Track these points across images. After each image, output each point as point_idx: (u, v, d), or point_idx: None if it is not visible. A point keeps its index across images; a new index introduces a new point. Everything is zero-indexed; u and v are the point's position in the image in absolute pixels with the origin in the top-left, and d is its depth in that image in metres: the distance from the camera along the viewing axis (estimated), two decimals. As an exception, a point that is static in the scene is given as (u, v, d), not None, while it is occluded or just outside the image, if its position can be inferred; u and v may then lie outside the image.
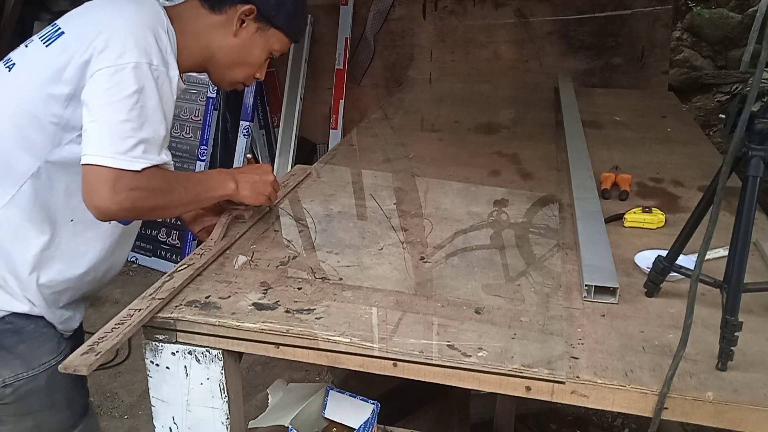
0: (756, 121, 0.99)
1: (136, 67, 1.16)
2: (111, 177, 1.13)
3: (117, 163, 1.14)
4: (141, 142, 1.16)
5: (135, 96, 1.16)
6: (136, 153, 1.16)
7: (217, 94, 3.57)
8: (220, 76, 1.42)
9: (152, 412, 1.23)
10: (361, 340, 1.09)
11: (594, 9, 3.33)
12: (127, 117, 1.15)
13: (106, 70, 1.16)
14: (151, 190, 1.20)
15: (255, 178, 1.45)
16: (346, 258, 1.38)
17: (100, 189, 1.13)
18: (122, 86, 1.15)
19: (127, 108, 1.15)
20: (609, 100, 2.74)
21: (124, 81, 1.15)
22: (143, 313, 1.13)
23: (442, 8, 3.54)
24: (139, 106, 1.16)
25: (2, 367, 1.27)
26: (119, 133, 1.15)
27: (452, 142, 2.23)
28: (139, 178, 1.17)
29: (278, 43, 1.42)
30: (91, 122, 1.16)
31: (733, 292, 1.00)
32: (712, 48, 5.32)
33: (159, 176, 1.21)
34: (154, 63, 1.19)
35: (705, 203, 1.11)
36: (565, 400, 1.01)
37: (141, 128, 1.17)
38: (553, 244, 1.44)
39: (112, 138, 1.14)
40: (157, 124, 1.20)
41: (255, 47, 1.39)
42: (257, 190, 1.44)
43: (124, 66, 1.16)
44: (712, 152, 2.11)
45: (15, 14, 3.51)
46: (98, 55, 1.17)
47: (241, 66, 1.41)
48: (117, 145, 1.14)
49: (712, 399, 0.96)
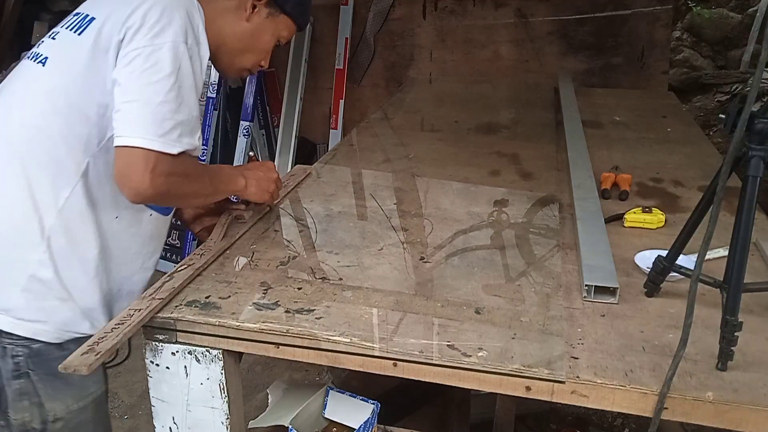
0: (756, 121, 0.99)
1: (173, 47, 1.15)
2: (150, 159, 1.11)
3: (156, 146, 1.12)
4: (178, 124, 1.15)
5: (173, 77, 1.14)
6: (173, 136, 1.14)
7: (217, 94, 3.57)
8: (230, 63, 1.40)
9: (152, 412, 1.23)
10: (361, 340, 1.09)
11: (594, 9, 3.33)
12: (165, 98, 1.13)
13: (142, 49, 1.13)
14: (185, 176, 1.20)
15: (260, 174, 1.45)
16: (346, 258, 1.38)
17: (139, 171, 1.11)
18: (160, 66, 1.13)
19: (165, 89, 1.13)
20: (609, 100, 2.74)
21: (162, 61, 1.13)
22: (143, 313, 1.13)
23: (442, 8, 3.54)
24: (176, 86, 1.14)
25: (54, 398, 1.24)
26: (158, 114, 1.13)
27: (452, 142, 2.23)
28: (175, 163, 1.16)
29: (286, 29, 1.42)
30: (127, 103, 1.13)
31: (733, 292, 1.00)
32: (712, 48, 5.32)
33: (190, 163, 1.21)
34: (189, 42, 1.18)
35: (705, 203, 1.11)
36: (565, 400, 1.01)
37: (178, 110, 1.15)
38: (553, 244, 1.44)
39: (152, 119, 1.12)
40: (192, 105, 1.19)
41: (265, 33, 1.39)
42: (262, 187, 1.45)
43: (161, 45, 1.14)
44: (712, 152, 2.11)
45: (15, 14, 3.51)
46: (133, 34, 1.14)
47: (251, 52, 1.40)
48: (156, 127, 1.12)
49: (712, 399, 0.96)
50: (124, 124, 1.13)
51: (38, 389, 1.22)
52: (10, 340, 1.20)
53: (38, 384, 1.22)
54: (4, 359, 1.21)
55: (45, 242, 1.19)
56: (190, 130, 1.18)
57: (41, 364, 1.21)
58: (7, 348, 1.20)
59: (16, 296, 1.19)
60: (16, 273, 1.19)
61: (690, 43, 5.35)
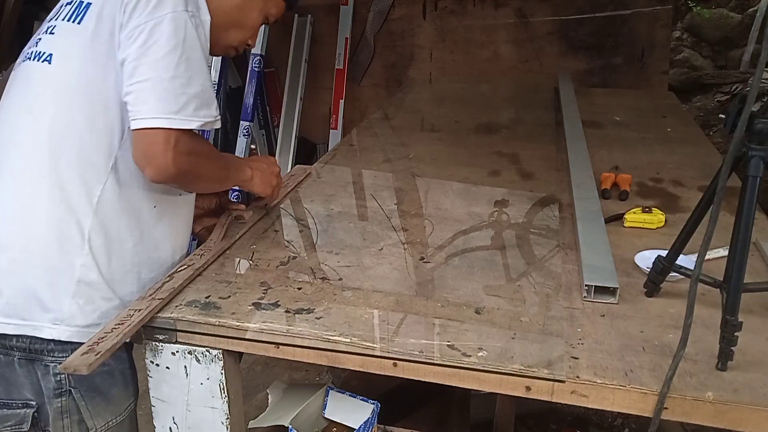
0: (756, 121, 0.99)
1: (174, 17, 1.11)
2: (171, 137, 1.10)
3: (175, 124, 1.10)
4: (193, 98, 1.12)
5: (179, 49, 1.11)
6: (189, 111, 1.12)
7: (217, 94, 3.57)
8: (215, 39, 1.31)
9: (152, 412, 1.23)
10: (362, 339, 1.09)
11: (594, 9, 3.33)
12: (175, 73, 1.10)
13: (144, 25, 1.10)
14: (204, 156, 1.20)
15: (264, 167, 1.45)
16: (346, 258, 1.38)
17: (161, 150, 1.10)
18: (164, 40, 1.10)
19: (173, 63, 1.10)
20: (609, 100, 2.74)
21: (166, 34, 1.10)
22: (143, 313, 1.13)
23: (442, 8, 3.54)
24: (185, 59, 1.12)
25: (95, 415, 1.22)
26: (170, 91, 1.10)
27: (452, 142, 2.23)
28: (196, 141, 1.15)
29: (275, 6, 1.39)
30: (137, 83, 1.10)
31: (733, 292, 1.00)
32: (712, 48, 5.32)
33: (207, 143, 1.21)
34: (190, 8, 1.14)
35: (705, 203, 1.11)
36: (565, 400, 1.01)
37: (190, 83, 1.12)
38: (553, 245, 1.44)
39: (166, 97, 1.10)
40: (204, 75, 1.16)
41: (253, 9, 1.34)
42: (266, 180, 1.45)
43: (162, 18, 1.10)
44: (712, 152, 2.11)
45: (15, 14, 3.51)
46: (132, 10, 1.11)
47: (238, 28, 1.35)
48: (172, 104, 1.10)
49: (712, 399, 0.96)
50: (138, 105, 1.10)
51: (80, 407, 1.20)
52: (52, 357, 1.18)
53: (80, 401, 1.20)
54: (46, 377, 1.18)
55: (86, 244, 1.17)
56: (206, 101, 1.16)
57: (83, 381, 1.18)
58: (49, 366, 1.18)
59: (68, 305, 1.17)
60: (65, 281, 1.17)
61: (690, 43, 5.35)
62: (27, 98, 1.21)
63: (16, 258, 1.17)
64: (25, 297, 1.16)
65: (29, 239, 1.16)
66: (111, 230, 1.19)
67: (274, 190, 1.49)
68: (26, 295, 1.16)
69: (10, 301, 1.16)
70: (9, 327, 1.16)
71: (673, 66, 4.72)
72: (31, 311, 1.16)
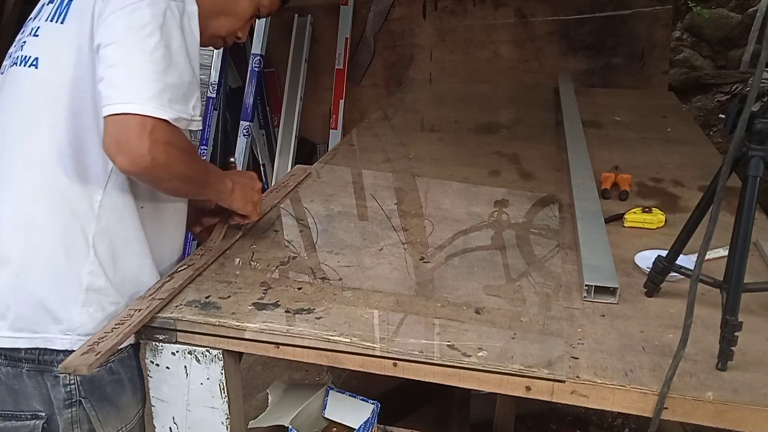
0: (756, 121, 0.99)
1: (153, 2, 1.05)
2: (147, 124, 1.01)
3: (148, 110, 1.02)
4: (167, 87, 1.04)
5: (156, 35, 1.04)
6: (162, 99, 1.03)
7: (217, 94, 3.57)
8: (202, 27, 1.23)
9: (152, 412, 1.23)
10: (362, 339, 1.09)
11: (594, 9, 3.33)
12: (150, 58, 1.03)
13: (120, 11, 1.05)
14: (184, 151, 1.10)
15: (245, 181, 1.36)
16: (346, 258, 1.38)
17: (135, 137, 1.01)
18: (140, 24, 1.03)
19: (149, 48, 1.03)
20: (609, 100, 2.74)
21: (142, 18, 1.04)
22: (143, 313, 1.13)
23: (442, 8, 3.54)
24: (162, 45, 1.04)
25: (105, 424, 1.20)
26: (146, 76, 1.03)
27: (452, 142, 2.23)
28: (174, 133, 1.06)
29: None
30: (110, 68, 1.04)
31: (733, 292, 1.00)
32: (712, 48, 5.32)
33: (187, 140, 1.12)
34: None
35: (705, 203, 1.11)
36: (565, 400, 1.01)
37: (167, 71, 1.05)
38: (553, 245, 1.44)
39: (137, 82, 1.03)
40: (183, 68, 1.08)
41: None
42: (247, 195, 1.35)
43: (139, 5, 1.04)
44: (712, 152, 2.11)
45: (15, 14, 3.51)
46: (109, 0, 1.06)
47: (226, 17, 1.28)
48: (144, 89, 1.02)
49: (712, 399, 0.96)
50: (110, 90, 1.03)
51: (90, 417, 1.18)
52: None
53: (90, 411, 1.18)
54: (56, 388, 1.16)
55: (92, 250, 1.14)
56: (183, 95, 1.07)
57: (93, 390, 1.17)
58: (59, 377, 1.15)
59: (78, 314, 1.15)
60: (73, 290, 1.14)
61: (690, 43, 5.35)
62: (18, 106, 1.17)
63: (22, 271, 1.14)
64: (35, 309, 1.14)
65: (34, 251, 1.13)
66: (114, 234, 1.17)
67: (254, 207, 1.38)
68: (35, 307, 1.14)
69: (20, 314, 1.14)
70: (21, 341, 1.14)
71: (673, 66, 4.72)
72: (42, 323, 1.14)
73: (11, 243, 1.14)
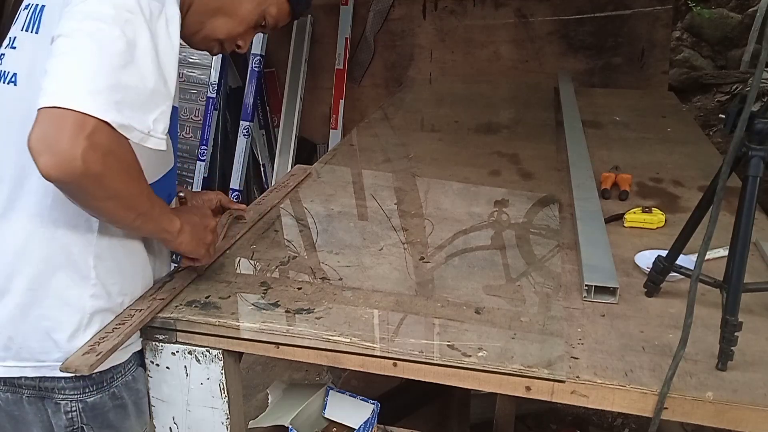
0: (756, 121, 0.99)
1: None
2: (85, 124, 0.86)
3: (88, 107, 0.86)
4: (119, 87, 0.89)
5: (116, 28, 0.90)
6: (110, 99, 0.88)
7: (217, 94, 3.58)
8: (197, 26, 1.14)
9: (152, 412, 1.23)
10: (361, 339, 1.09)
11: (594, 9, 3.33)
12: (104, 51, 0.89)
13: (81, 4, 0.92)
14: (125, 166, 0.93)
15: (195, 220, 1.17)
16: (346, 258, 1.38)
17: (68, 136, 0.85)
18: (99, 16, 0.91)
19: (104, 40, 0.89)
20: (609, 100, 2.74)
21: (102, 10, 0.91)
22: (144, 313, 1.13)
23: (442, 8, 3.54)
24: (123, 42, 0.90)
25: None
26: (92, 69, 0.88)
27: (452, 142, 2.23)
28: (117, 141, 0.90)
29: (275, 6, 1.20)
30: (54, 58, 0.90)
31: (733, 292, 1.00)
32: (712, 48, 5.32)
33: (134, 158, 0.95)
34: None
35: (705, 203, 1.11)
36: (565, 400, 1.01)
37: (122, 69, 0.90)
38: (553, 245, 1.44)
39: (83, 73, 0.88)
40: (146, 71, 0.93)
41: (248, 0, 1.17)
42: (197, 235, 1.17)
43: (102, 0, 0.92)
44: (712, 152, 2.11)
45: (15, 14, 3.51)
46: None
47: (226, 17, 1.16)
48: (88, 81, 0.87)
49: (712, 399, 0.96)
50: (49, 81, 0.88)
51: None
52: (63, 395, 1.10)
53: None
54: (57, 415, 1.12)
55: (93, 272, 1.08)
56: (141, 103, 0.92)
57: (96, 417, 1.13)
58: (60, 404, 1.10)
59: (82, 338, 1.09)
60: (78, 316, 1.08)
61: (690, 43, 5.35)
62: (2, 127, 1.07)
63: (21, 302, 1.07)
64: (40, 340, 1.09)
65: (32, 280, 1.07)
66: (113, 253, 1.12)
67: (208, 248, 1.20)
68: (41, 338, 1.09)
69: (24, 344, 1.09)
70: (27, 370, 1.10)
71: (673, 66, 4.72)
72: (48, 351, 1.09)
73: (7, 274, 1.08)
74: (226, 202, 1.51)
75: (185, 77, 3.55)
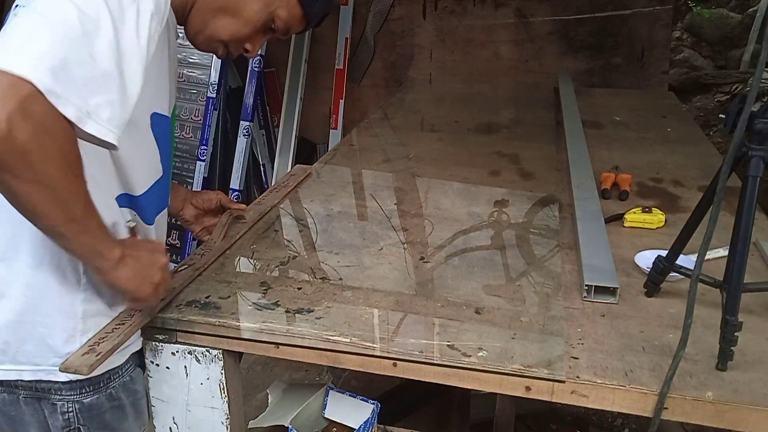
0: (756, 121, 0.99)
1: None
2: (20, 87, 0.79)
3: (27, 71, 0.79)
4: (67, 60, 0.83)
5: (72, 7, 0.85)
6: (55, 67, 0.81)
7: (217, 94, 3.57)
8: (201, 25, 1.10)
9: (152, 412, 1.23)
10: (361, 339, 1.09)
11: (594, 9, 3.33)
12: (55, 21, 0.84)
13: None
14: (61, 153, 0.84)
15: (143, 254, 1.05)
16: (346, 258, 1.38)
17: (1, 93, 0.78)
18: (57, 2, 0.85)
19: (58, 12, 0.85)
20: (609, 100, 2.74)
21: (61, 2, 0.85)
22: (143, 313, 1.13)
23: (442, 8, 3.54)
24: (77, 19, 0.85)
25: None
26: (40, 36, 0.83)
27: (452, 142, 2.23)
28: (54, 117, 0.82)
29: (285, 9, 1.13)
30: (6, 26, 0.86)
31: (733, 292, 1.00)
32: (712, 48, 5.33)
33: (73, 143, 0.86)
34: None
35: (705, 203, 1.11)
36: (565, 400, 1.01)
37: (73, 42, 0.84)
38: (553, 245, 1.44)
39: (28, 39, 0.82)
40: (100, 52, 0.86)
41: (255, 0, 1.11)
42: (142, 272, 1.03)
43: None
44: (712, 152, 2.11)
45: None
46: None
47: (230, 17, 1.11)
48: (33, 48, 0.81)
49: (712, 399, 0.96)
50: None
51: None
52: (60, 396, 1.10)
53: None
54: (54, 415, 1.11)
55: (83, 277, 1.07)
56: (87, 80, 0.85)
57: (93, 418, 1.13)
58: (56, 404, 1.10)
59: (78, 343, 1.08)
60: (72, 321, 1.08)
61: (690, 43, 5.35)
62: None
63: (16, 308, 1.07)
64: (37, 345, 1.08)
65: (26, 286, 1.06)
66: None
67: (156, 288, 1.07)
68: (38, 343, 1.08)
69: (20, 349, 1.08)
70: (24, 373, 1.09)
71: (673, 66, 4.72)
72: (45, 356, 1.09)
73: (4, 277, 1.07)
74: (226, 202, 1.52)
75: (185, 77, 3.54)
